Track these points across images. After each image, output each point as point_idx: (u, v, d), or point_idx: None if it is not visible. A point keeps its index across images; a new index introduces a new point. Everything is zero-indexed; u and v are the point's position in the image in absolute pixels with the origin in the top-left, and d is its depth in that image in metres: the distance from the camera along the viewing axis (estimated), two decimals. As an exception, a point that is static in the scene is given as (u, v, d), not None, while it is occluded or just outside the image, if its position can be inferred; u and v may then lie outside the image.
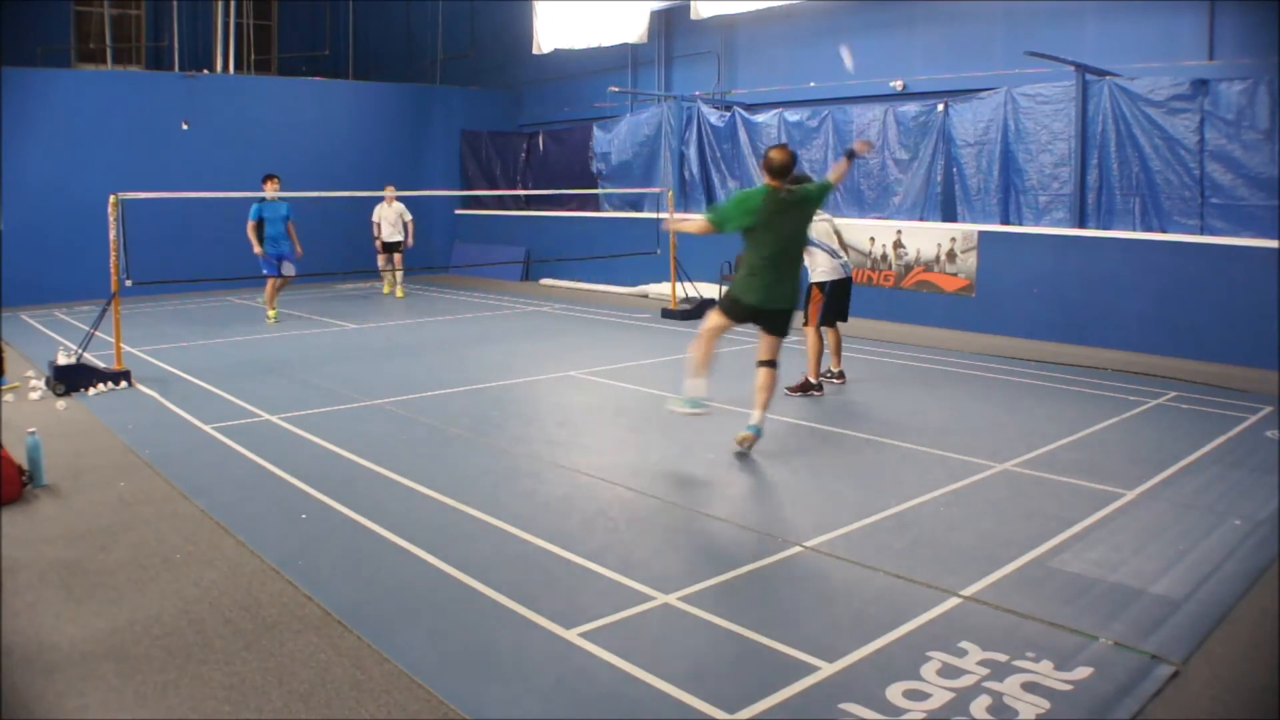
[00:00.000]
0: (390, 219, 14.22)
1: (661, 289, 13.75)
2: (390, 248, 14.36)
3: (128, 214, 8.34)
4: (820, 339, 7.81)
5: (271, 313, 12.04)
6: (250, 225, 11.62)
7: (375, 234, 14.32)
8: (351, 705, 3.13)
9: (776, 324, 5.98)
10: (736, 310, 5.95)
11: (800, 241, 6.16)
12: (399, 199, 14.40)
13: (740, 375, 8.27)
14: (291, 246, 11.92)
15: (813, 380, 7.71)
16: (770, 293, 5.86)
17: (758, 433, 5.97)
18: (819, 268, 7.79)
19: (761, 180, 5.95)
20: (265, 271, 11.79)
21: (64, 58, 17.93)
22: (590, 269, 15.59)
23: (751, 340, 6.89)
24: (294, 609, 3.84)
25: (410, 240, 14.47)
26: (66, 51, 18.14)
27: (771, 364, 6.04)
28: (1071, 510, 4.95)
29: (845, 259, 7.92)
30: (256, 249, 11.63)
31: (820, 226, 7.65)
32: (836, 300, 7.87)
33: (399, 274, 14.46)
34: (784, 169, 5.82)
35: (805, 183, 6.28)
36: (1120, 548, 4.46)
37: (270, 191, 11.69)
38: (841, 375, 8.17)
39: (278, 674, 3.32)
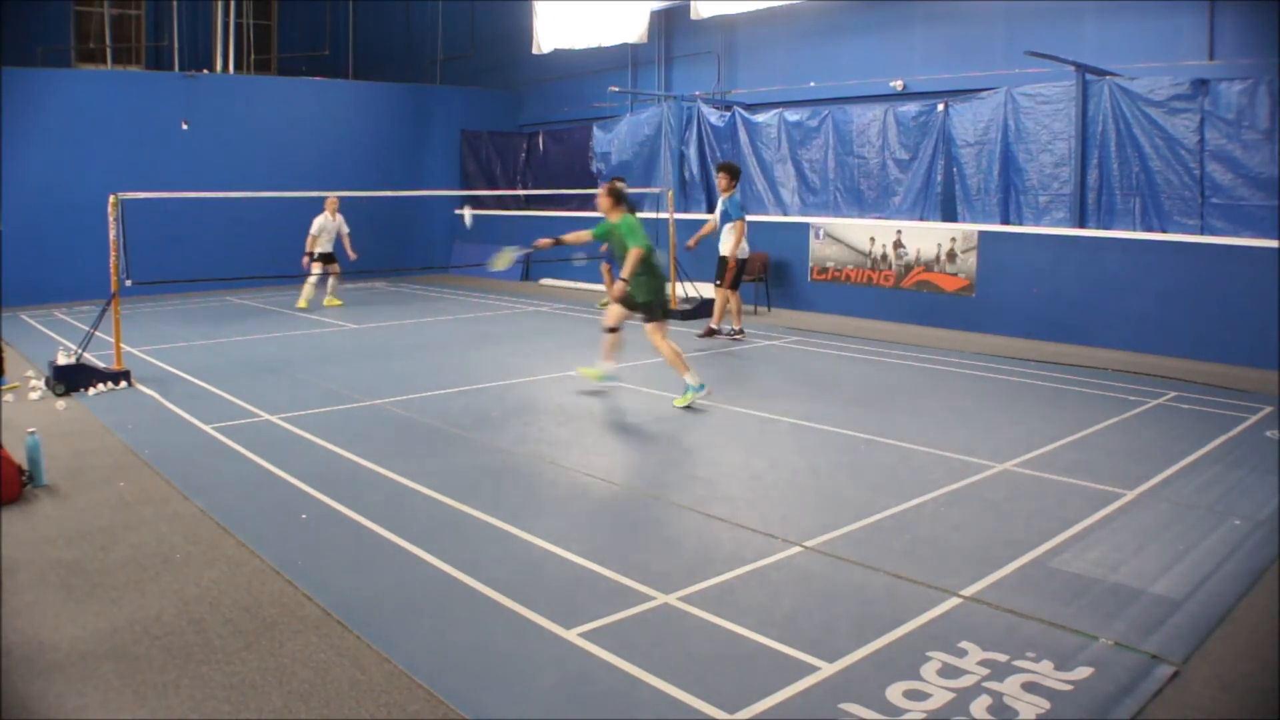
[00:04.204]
0: (331, 231, 13.29)
1: (661, 289, 13.74)
2: (327, 258, 13.38)
3: (128, 214, 8.34)
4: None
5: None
6: None
7: (310, 247, 13.17)
8: (351, 705, 3.13)
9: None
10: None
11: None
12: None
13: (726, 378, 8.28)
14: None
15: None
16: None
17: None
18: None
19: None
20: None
21: (64, 58, 17.92)
22: (590, 269, 15.57)
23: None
24: (294, 609, 3.84)
25: (351, 254, 13.49)
26: (66, 51, 18.13)
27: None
28: (1071, 510, 4.95)
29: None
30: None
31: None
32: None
33: (333, 281, 13.61)
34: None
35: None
36: (1120, 548, 4.46)
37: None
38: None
39: (278, 674, 3.32)
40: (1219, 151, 9.65)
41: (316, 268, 13.23)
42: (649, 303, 7.41)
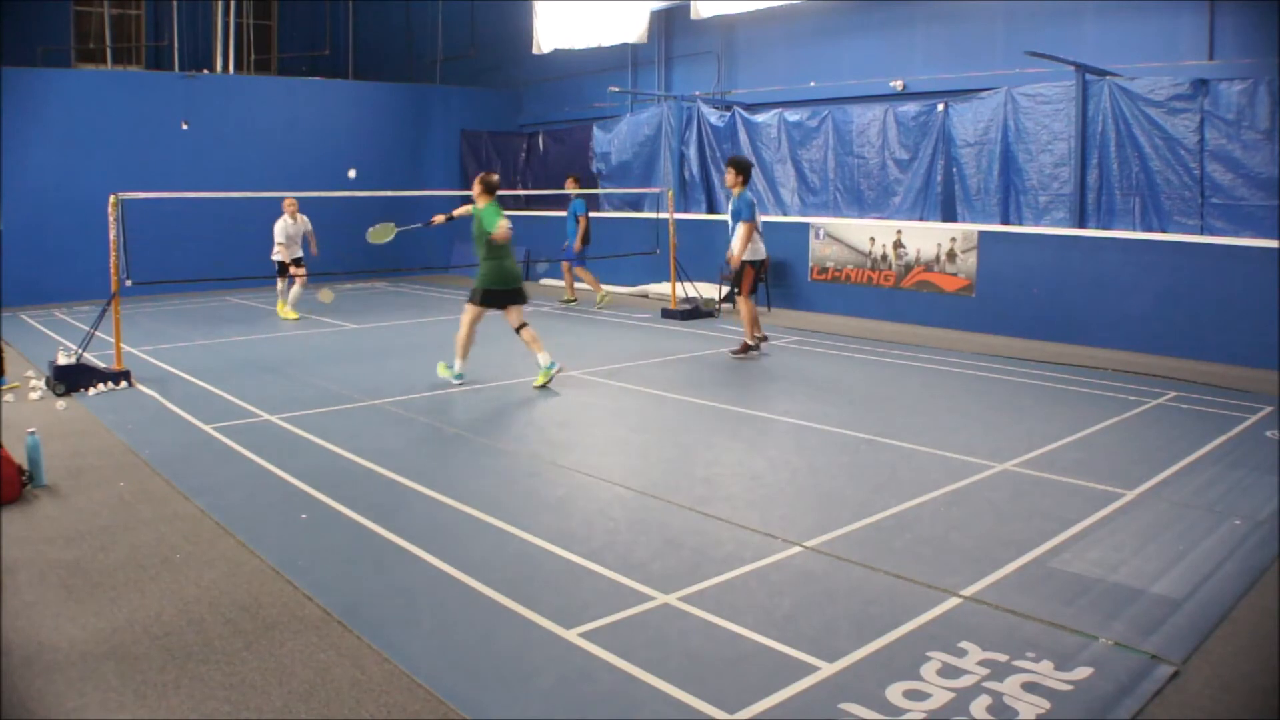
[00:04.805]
0: (297, 235, 12.31)
1: (661, 289, 13.75)
2: (296, 263, 12.36)
3: (128, 214, 8.34)
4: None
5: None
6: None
7: (283, 256, 12.13)
8: (351, 705, 3.13)
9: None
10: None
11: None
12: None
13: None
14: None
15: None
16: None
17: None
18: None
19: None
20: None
21: (64, 58, 17.92)
22: (590, 269, 15.58)
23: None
24: (294, 609, 3.84)
25: (315, 250, 12.63)
26: (66, 51, 18.13)
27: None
28: (1071, 510, 4.95)
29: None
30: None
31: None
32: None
33: (296, 289, 12.39)
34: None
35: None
36: (1120, 548, 4.45)
37: None
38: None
39: (278, 674, 3.32)
40: (1219, 151, 9.65)
41: (284, 277, 12.14)
42: (477, 287, 7.99)
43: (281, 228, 12.17)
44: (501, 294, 7.96)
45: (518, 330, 8.07)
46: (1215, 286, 9.38)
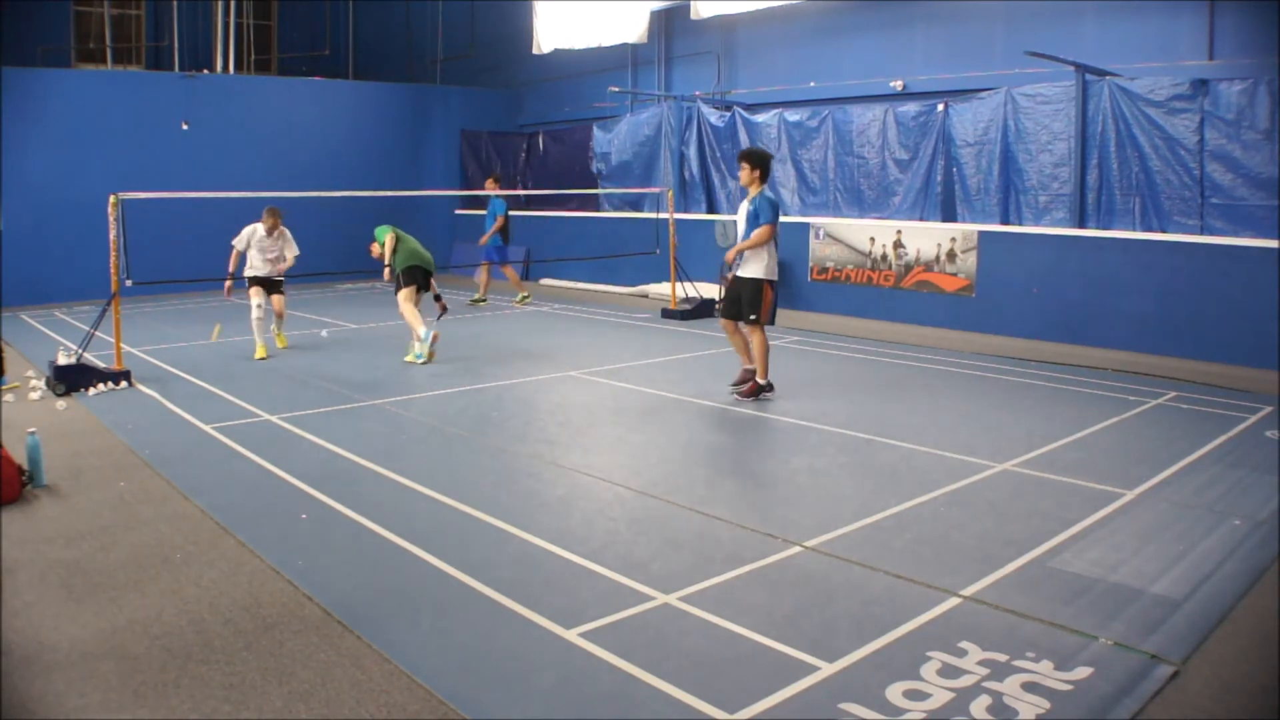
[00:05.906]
0: (268, 251, 9.74)
1: (661, 289, 13.75)
2: (272, 285, 9.83)
3: (128, 214, 8.34)
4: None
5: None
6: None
7: (232, 266, 9.74)
8: (351, 705, 3.13)
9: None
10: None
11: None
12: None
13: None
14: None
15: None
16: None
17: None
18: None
19: None
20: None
21: (64, 58, 17.92)
22: (590, 269, 15.60)
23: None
24: (294, 609, 3.84)
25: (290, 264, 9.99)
26: (66, 51, 18.13)
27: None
28: (1071, 510, 4.95)
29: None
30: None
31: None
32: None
33: (277, 321, 9.96)
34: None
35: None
36: (1120, 548, 4.45)
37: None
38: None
39: (278, 674, 3.32)
40: (1219, 151, 9.65)
41: (256, 297, 9.60)
42: (398, 271, 9.26)
43: (256, 241, 9.70)
44: (419, 270, 9.27)
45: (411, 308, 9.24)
46: (1215, 286, 9.38)
